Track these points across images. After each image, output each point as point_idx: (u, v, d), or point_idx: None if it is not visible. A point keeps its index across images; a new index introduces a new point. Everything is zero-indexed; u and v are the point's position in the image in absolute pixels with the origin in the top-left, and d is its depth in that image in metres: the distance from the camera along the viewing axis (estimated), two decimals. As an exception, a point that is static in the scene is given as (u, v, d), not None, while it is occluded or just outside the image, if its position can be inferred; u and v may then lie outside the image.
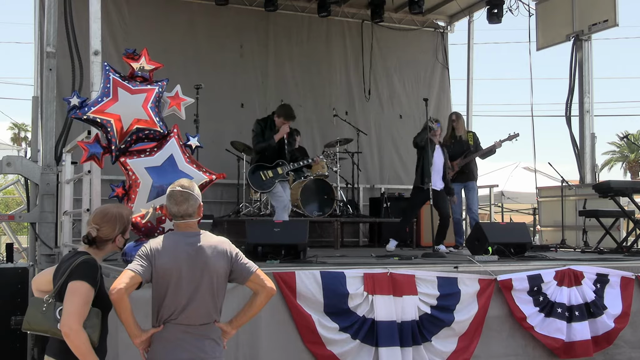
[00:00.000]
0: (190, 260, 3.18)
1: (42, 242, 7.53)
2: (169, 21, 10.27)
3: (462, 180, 8.47)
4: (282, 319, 4.84)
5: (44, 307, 3.08)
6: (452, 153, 8.50)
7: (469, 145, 8.44)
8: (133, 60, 4.93)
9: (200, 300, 3.17)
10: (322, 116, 11.00)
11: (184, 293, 3.15)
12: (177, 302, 3.15)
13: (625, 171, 41.01)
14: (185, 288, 3.16)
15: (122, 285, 3.05)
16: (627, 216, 8.21)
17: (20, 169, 7.82)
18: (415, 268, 5.32)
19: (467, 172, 8.43)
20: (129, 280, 3.08)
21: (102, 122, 4.76)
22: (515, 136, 8.26)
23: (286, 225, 6.04)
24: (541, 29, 10.48)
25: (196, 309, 3.17)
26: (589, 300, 5.61)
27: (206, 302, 3.19)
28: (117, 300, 3.05)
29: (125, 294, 3.06)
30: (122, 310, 3.08)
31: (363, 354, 4.91)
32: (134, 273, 3.11)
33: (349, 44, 11.58)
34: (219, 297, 3.25)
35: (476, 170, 8.63)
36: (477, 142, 8.56)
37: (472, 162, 8.45)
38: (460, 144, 8.46)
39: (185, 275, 3.16)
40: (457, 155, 8.45)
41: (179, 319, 3.16)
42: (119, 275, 3.16)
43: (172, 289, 3.15)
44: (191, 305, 3.15)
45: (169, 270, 3.16)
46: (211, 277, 3.19)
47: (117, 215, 3.29)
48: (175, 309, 3.15)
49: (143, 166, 4.82)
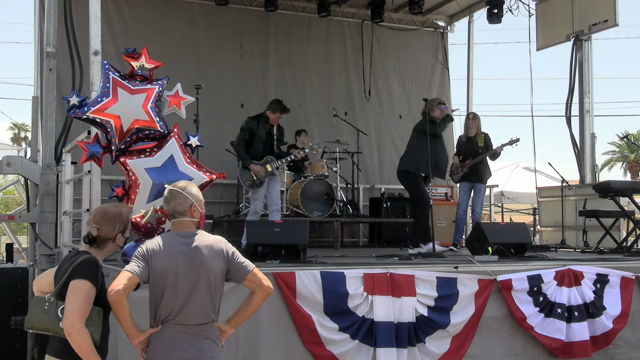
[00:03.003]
0: (186, 260, 3.18)
1: (42, 242, 7.52)
2: (169, 21, 10.27)
3: (471, 181, 8.43)
4: (281, 319, 4.84)
5: (46, 306, 3.10)
6: (463, 154, 8.50)
7: (478, 147, 8.40)
8: (133, 59, 4.92)
9: (198, 300, 3.17)
10: (322, 116, 11.00)
11: (180, 293, 3.15)
12: (174, 302, 3.15)
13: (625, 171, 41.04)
14: (182, 288, 3.16)
15: (120, 286, 3.05)
16: (627, 216, 8.22)
17: (20, 169, 7.81)
18: (415, 268, 5.32)
19: (474, 173, 8.37)
20: (127, 281, 3.09)
21: (101, 122, 4.75)
22: (516, 141, 8.23)
23: (286, 226, 6.04)
24: (541, 29, 10.48)
25: (194, 309, 3.17)
26: (588, 301, 5.61)
27: (203, 302, 3.19)
28: (115, 301, 3.05)
29: (124, 295, 3.06)
30: (120, 311, 3.08)
31: (362, 354, 4.91)
32: (131, 274, 3.12)
33: (348, 44, 11.58)
34: (216, 296, 3.25)
35: (486, 172, 8.48)
36: (487, 144, 8.48)
37: (481, 164, 8.34)
38: (472, 145, 8.43)
39: (182, 275, 3.16)
40: (468, 156, 8.42)
41: (176, 319, 3.16)
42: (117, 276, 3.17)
43: (169, 289, 3.15)
44: (188, 305, 3.15)
45: (166, 271, 3.16)
46: (208, 277, 3.20)
47: (117, 214, 3.31)
48: (172, 309, 3.15)
49: (143, 166, 4.82)
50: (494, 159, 8.51)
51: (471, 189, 8.48)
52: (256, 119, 7.63)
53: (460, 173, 8.43)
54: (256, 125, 7.55)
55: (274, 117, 7.56)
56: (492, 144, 8.51)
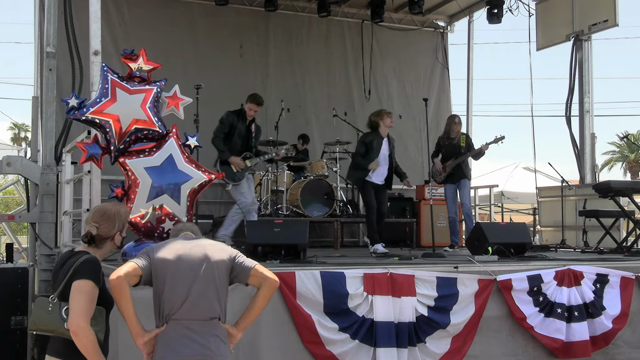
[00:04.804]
0: (187, 251, 3.20)
1: (42, 242, 7.52)
2: (169, 21, 10.28)
3: (454, 181, 8.47)
4: (282, 319, 4.84)
5: (50, 307, 3.09)
6: (444, 154, 8.52)
7: (460, 148, 8.45)
8: (131, 61, 4.93)
9: (201, 291, 3.13)
10: (322, 116, 11.00)
11: (182, 282, 3.12)
12: (176, 293, 3.12)
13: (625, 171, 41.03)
14: (183, 277, 3.13)
15: (122, 272, 3.06)
16: (627, 216, 8.21)
17: (20, 169, 7.82)
18: (415, 268, 5.32)
19: (457, 172, 8.44)
20: (128, 268, 3.09)
21: (100, 122, 4.76)
22: (501, 139, 8.28)
23: (286, 226, 6.03)
24: (541, 29, 10.49)
25: (197, 301, 3.12)
26: (588, 301, 5.61)
27: (207, 294, 3.15)
28: (116, 285, 3.03)
29: (125, 279, 3.04)
30: (122, 298, 3.04)
31: (362, 354, 4.91)
32: (133, 263, 3.14)
33: (348, 44, 11.59)
34: (221, 290, 3.20)
35: (468, 170, 8.60)
36: (469, 144, 8.56)
37: (462, 163, 8.45)
38: (453, 146, 8.48)
39: (183, 265, 3.15)
40: (450, 157, 8.46)
41: (180, 313, 3.11)
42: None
43: (170, 279, 3.13)
44: (191, 297, 3.11)
45: (165, 262, 3.16)
46: (212, 268, 3.18)
47: (116, 212, 3.33)
48: (175, 302, 3.11)
49: (142, 166, 4.82)
50: (478, 159, 8.56)
51: (456, 189, 8.50)
52: (236, 113, 7.61)
53: (443, 174, 8.45)
54: (236, 119, 7.53)
55: (250, 111, 7.53)
56: (473, 143, 8.57)
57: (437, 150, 8.66)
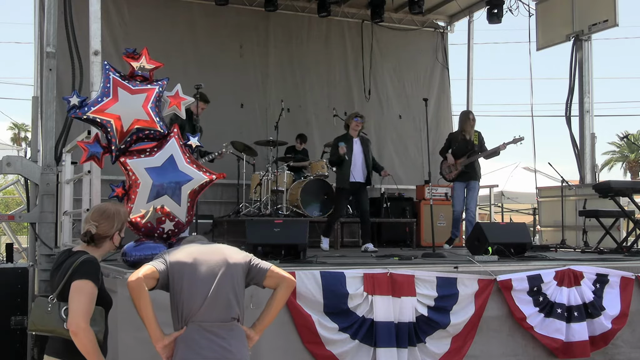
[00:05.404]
0: (205, 254, 3.20)
1: (42, 242, 7.52)
2: (169, 21, 10.28)
3: (465, 179, 8.43)
4: (281, 319, 4.83)
5: (49, 307, 3.09)
6: (456, 151, 8.49)
7: (473, 145, 8.40)
8: (133, 60, 4.92)
9: (220, 292, 3.11)
10: (322, 116, 11.00)
11: (201, 284, 3.10)
12: (196, 295, 3.09)
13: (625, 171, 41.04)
14: (202, 280, 3.11)
15: (140, 273, 3.05)
16: (627, 216, 8.21)
17: (20, 169, 7.82)
18: (415, 268, 5.31)
19: (469, 171, 8.39)
20: (147, 270, 3.08)
21: (102, 122, 4.75)
22: (520, 139, 8.16)
23: (286, 226, 6.03)
24: (541, 29, 10.49)
25: (216, 303, 3.10)
26: (588, 301, 5.61)
27: (227, 295, 3.13)
28: (135, 287, 3.01)
29: (144, 281, 3.03)
30: (141, 299, 3.02)
31: (361, 354, 4.91)
32: (151, 266, 3.13)
33: (348, 44, 11.59)
34: (239, 291, 3.19)
35: (479, 170, 8.55)
36: (481, 142, 8.50)
37: (475, 162, 8.39)
38: (466, 143, 8.43)
39: (202, 267, 3.14)
40: (461, 154, 8.42)
41: (200, 315, 3.08)
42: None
43: (188, 282, 3.11)
44: (211, 299, 3.09)
45: (183, 265, 3.14)
46: (229, 267, 3.17)
47: (115, 212, 3.33)
48: (194, 304, 3.09)
49: (143, 166, 4.81)
50: (489, 158, 8.53)
51: (465, 188, 8.47)
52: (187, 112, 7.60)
53: (455, 172, 8.41)
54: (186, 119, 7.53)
55: (196, 108, 7.48)
56: (485, 142, 8.54)
57: (448, 146, 8.63)
